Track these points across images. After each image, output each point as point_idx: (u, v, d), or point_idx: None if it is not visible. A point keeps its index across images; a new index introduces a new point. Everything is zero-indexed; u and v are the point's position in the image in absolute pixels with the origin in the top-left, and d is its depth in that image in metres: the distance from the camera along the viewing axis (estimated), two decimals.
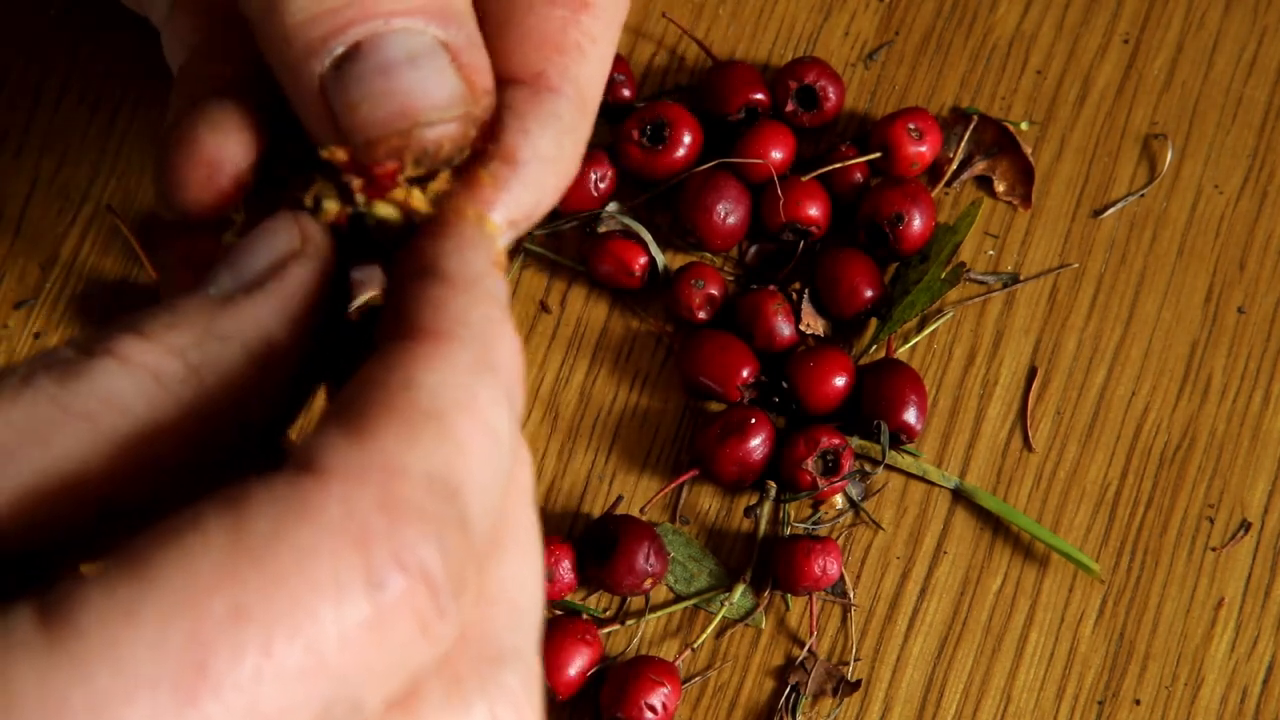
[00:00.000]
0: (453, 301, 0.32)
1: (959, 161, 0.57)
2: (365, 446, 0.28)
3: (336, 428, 0.29)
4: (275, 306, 0.32)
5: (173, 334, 0.31)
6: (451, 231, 0.34)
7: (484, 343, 0.31)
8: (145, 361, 0.31)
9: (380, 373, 0.30)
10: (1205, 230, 0.56)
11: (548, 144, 0.38)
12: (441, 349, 0.30)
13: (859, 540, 0.54)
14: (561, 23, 0.39)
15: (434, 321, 0.31)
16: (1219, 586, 0.53)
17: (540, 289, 0.56)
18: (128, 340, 0.31)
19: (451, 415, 0.29)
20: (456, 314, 0.31)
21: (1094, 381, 0.55)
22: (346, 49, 0.35)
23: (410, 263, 0.33)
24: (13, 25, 0.58)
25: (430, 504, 0.28)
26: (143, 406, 0.30)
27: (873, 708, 0.52)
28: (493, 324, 0.32)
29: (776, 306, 0.54)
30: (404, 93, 0.35)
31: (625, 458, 0.54)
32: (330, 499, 0.27)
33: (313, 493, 0.27)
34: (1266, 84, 0.58)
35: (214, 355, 0.31)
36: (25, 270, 0.55)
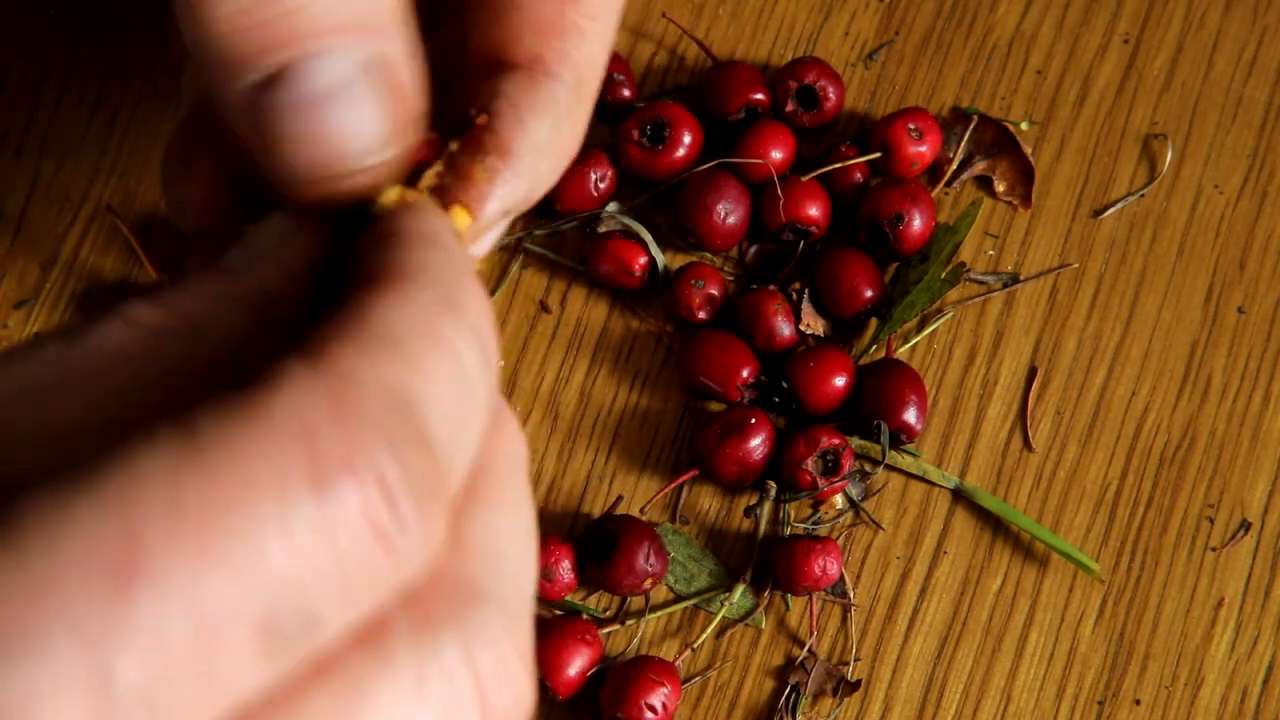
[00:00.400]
0: (412, 250, 0.31)
1: (959, 161, 0.57)
2: (317, 363, 0.27)
3: (294, 354, 0.28)
4: (275, 266, 0.32)
5: (178, 297, 0.31)
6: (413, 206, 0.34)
7: (445, 285, 0.30)
8: (149, 320, 0.30)
9: (339, 313, 0.29)
10: (1205, 230, 0.56)
11: (544, 133, 0.37)
12: (400, 287, 0.29)
13: (859, 540, 0.54)
14: (559, 3, 0.39)
15: (392, 266, 0.30)
16: (1219, 586, 0.53)
17: (540, 289, 0.56)
18: (134, 303, 0.30)
19: (410, 340, 0.28)
20: (416, 259, 0.30)
21: (1094, 381, 0.55)
22: (270, 72, 0.33)
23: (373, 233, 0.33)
24: (13, 25, 0.58)
25: (386, 416, 0.27)
26: (144, 361, 0.29)
27: (873, 708, 0.52)
28: (456, 271, 0.31)
29: (776, 306, 0.54)
30: (327, 137, 0.34)
31: (625, 458, 0.54)
32: (277, 403, 0.26)
33: (260, 399, 0.26)
34: (1266, 84, 0.58)
35: (216, 313, 0.31)
36: (25, 270, 0.55)
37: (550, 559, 0.52)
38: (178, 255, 0.56)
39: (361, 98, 0.34)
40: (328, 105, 0.34)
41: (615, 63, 0.56)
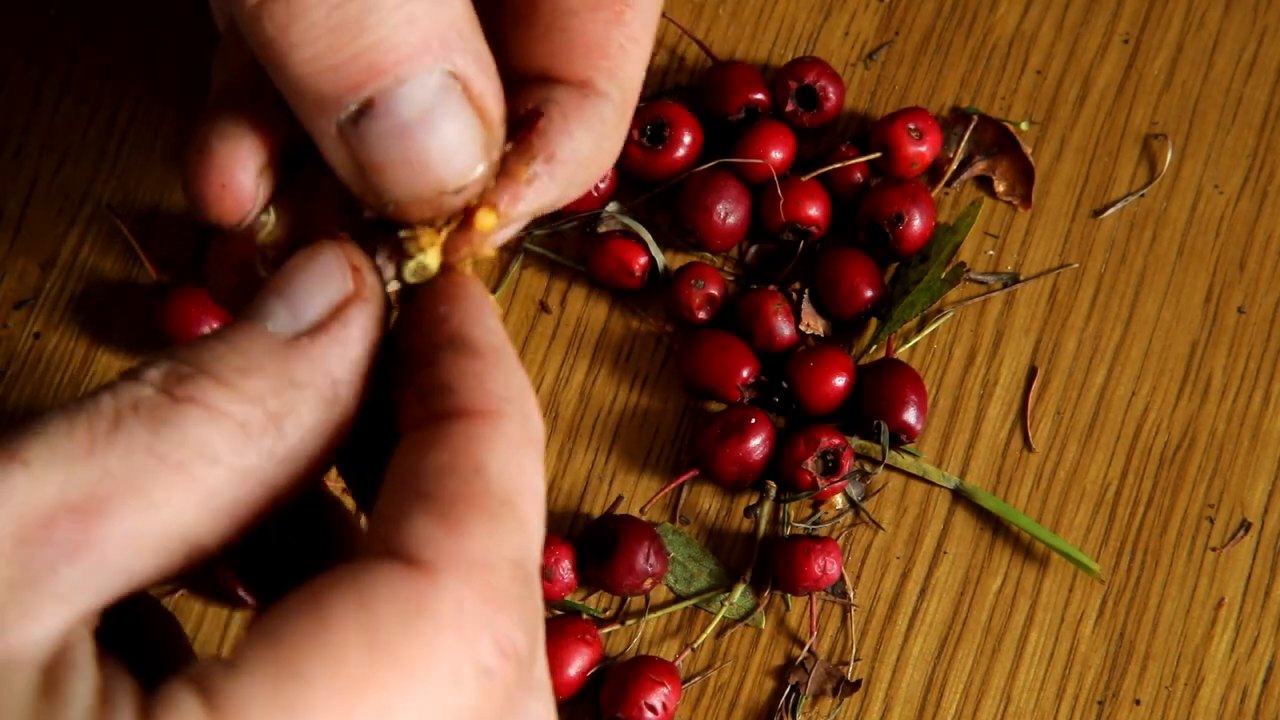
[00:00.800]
0: (492, 375, 0.34)
1: (959, 161, 0.57)
2: (461, 541, 0.32)
3: (429, 518, 0.32)
4: (340, 354, 0.34)
5: (250, 381, 0.33)
6: (463, 294, 0.36)
7: (525, 415, 0.34)
8: (231, 411, 0.32)
9: (447, 456, 0.33)
10: (1205, 230, 0.56)
11: (588, 146, 0.38)
12: (496, 428, 0.33)
13: (859, 540, 0.54)
14: (606, 26, 0.40)
15: (482, 400, 0.33)
16: (1219, 586, 0.53)
17: (540, 289, 0.56)
18: (209, 388, 0.32)
19: (519, 500, 0.33)
20: (499, 389, 0.34)
21: (1094, 381, 0.55)
22: (360, 105, 0.35)
23: (434, 330, 0.35)
24: (13, 25, 0.58)
25: (515, 589, 0.32)
26: (229, 456, 0.32)
27: (873, 708, 0.52)
28: (527, 394, 0.35)
29: (776, 306, 0.54)
30: (427, 162, 0.35)
31: (625, 458, 0.54)
32: (444, 597, 0.31)
33: (428, 592, 0.31)
34: (1266, 84, 0.58)
35: (290, 403, 0.33)
36: (25, 270, 0.55)
37: (550, 559, 0.52)
38: (178, 253, 0.56)
39: (449, 116, 0.36)
40: (419, 130, 0.35)
41: None
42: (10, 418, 0.54)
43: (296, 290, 0.35)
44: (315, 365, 0.34)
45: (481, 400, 0.33)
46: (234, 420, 0.32)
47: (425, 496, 0.32)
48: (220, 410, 0.32)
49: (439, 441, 0.33)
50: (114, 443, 0.32)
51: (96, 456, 0.31)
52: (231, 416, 0.32)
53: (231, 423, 0.32)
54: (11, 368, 0.55)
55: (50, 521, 0.31)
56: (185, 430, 0.32)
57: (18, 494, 0.31)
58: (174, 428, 0.32)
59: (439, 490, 0.32)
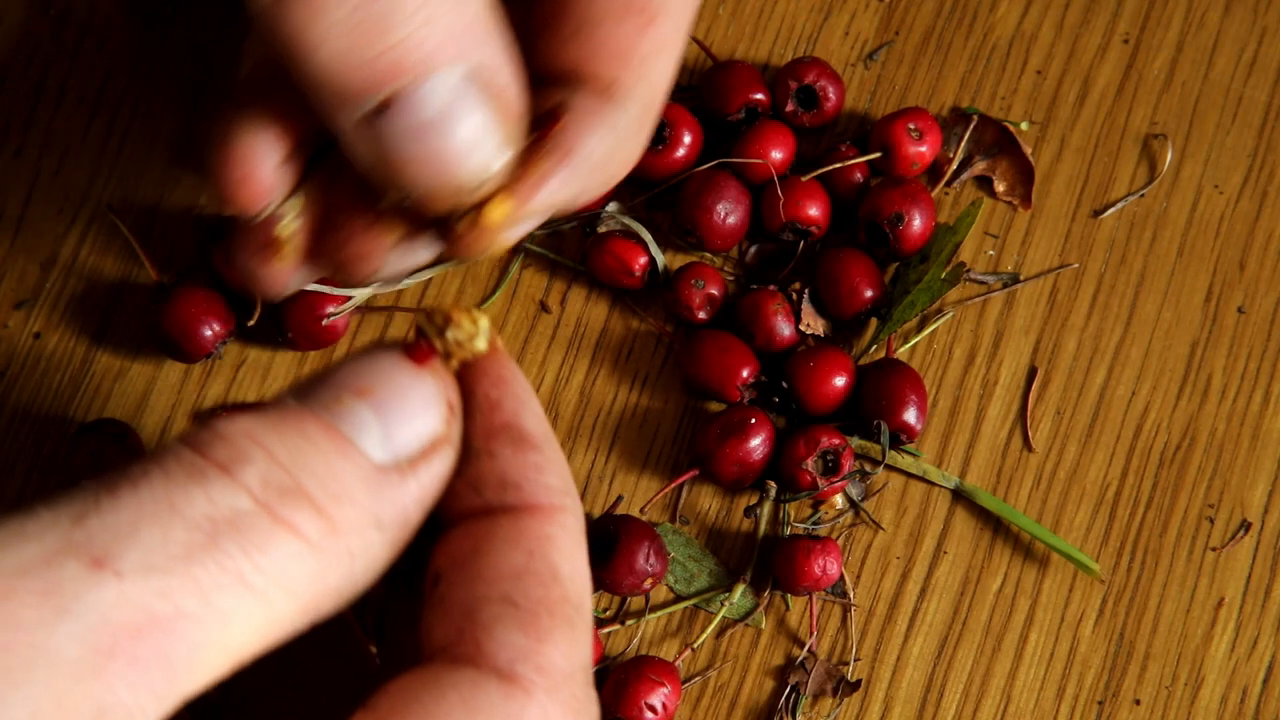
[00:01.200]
0: (551, 469, 0.35)
1: (959, 161, 0.57)
2: (549, 654, 0.33)
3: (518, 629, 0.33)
4: (420, 498, 0.34)
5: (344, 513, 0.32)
6: (510, 376, 0.36)
7: (579, 509, 0.35)
8: (323, 547, 0.32)
9: (524, 558, 0.34)
10: (1205, 230, 0.56)
11: (606, 148, 0.38)
12: (562, 525, 0.34)
13: (859, 540, 0.54)
14: (634, 33, 0.40)
15: (546, 495, 0.34)
16: (1219, 586, 0.53)
17: (540, 289, 0.56)
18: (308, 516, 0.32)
19: (586, 603, 0.34)
20: (559, 484, 0.35)
21: (1094, 381, 0.55)
22: (379, 102, 0.35)
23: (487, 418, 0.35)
24: (13, 25, 0.58)
25: (586, 694, 0.33)
26: (306, 589, 0.32)
27: (873, 708, 0.52)
28: (573, 486, 0.35)
29: (776, 306, 0.54)
30: (445, 160, 0.36)
31: (625, 458, 0.54)
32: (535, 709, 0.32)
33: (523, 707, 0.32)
34: (1266, 84, 0.58)
35: (369, 545, 0.33)
36: (25, 270, 0.55)
37: None
38: (178, 253, 0.56)
39: (468, 114, 0.36)
40: (438, 129, 0.36)
41: None
42: (10, 417, 0.54)
43: (393, 412, 0.34)
44: (398, 507, 0.33)
45: (545, 495, 0.34)
46: (323, 558, 0.32)
47: (509, 603, 0.33)
48: (314, 545, 0.32)
49: (513, 540, 0.34)
50: (208, 562, 0.31)
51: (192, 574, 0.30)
52: (322, 554, 0.32)
53: (320, 561, 0.32)
54: (11, 368, 0.55)
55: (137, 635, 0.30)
56: (277, 562, 0.31)
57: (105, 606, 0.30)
58: (268, 557, 0.31)
59: (522, 597, 0.33)
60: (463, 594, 0.34)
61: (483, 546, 0.34)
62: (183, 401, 0.54)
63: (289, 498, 0.32)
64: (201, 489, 0.31)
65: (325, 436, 0.33)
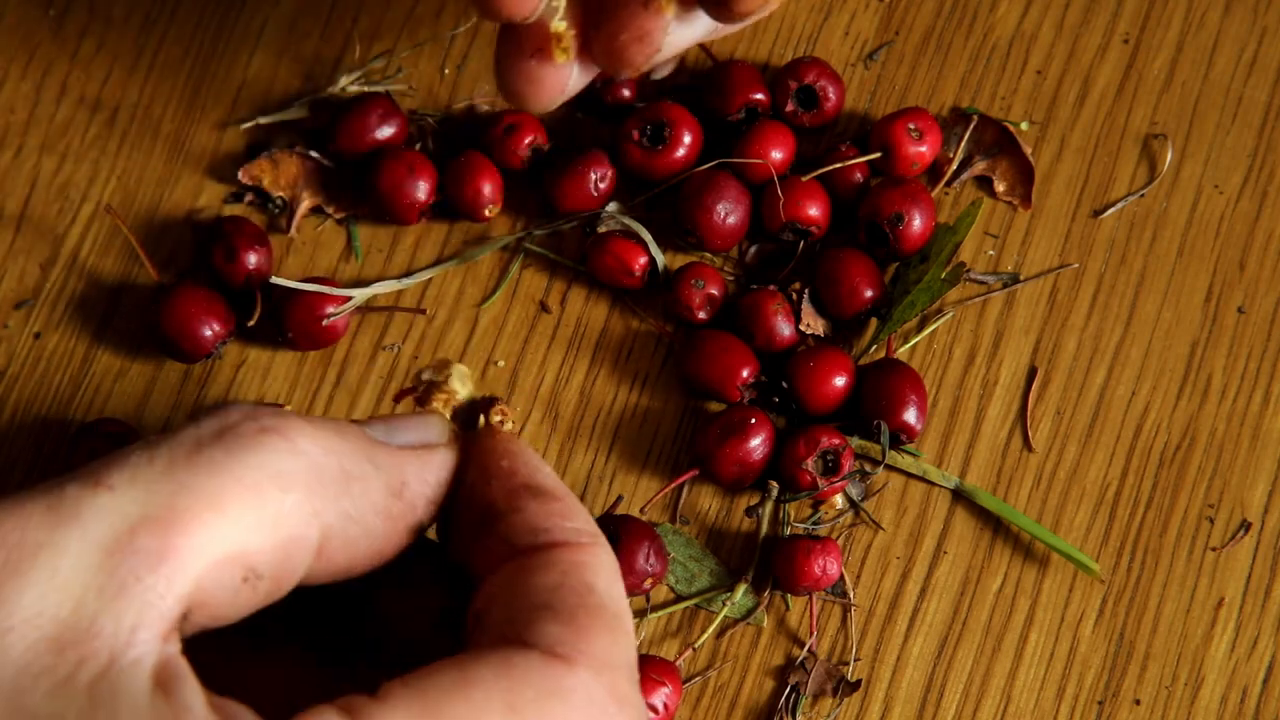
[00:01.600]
0: (574, 515, 0.38)
1: (959, 161, 0.57)
2: (590, 642, 0.35)
3: (557, 624, 0.35)
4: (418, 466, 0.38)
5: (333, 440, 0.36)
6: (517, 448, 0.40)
7: (609, 548, 0.38)
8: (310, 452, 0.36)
9: (558, 577, 0.36)
10: (1205, 230, 0.56)
11: None
12: (594, 555, 0.37)
13: (859, 540, 0.54)
14: None
15: (574, 535, 0.37)
16: (1219, 586, 0.53)
17: (540, 289, 0.56)
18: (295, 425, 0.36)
19: (625, 617, 0.37)
20: (585, 526, 0.38)
21: (1094, 381, 0.55)
22: None
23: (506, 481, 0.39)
24: (13, 25, 0.58)
25: (632, 694, 0.35)
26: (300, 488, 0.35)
27: (873, 708, 0.52)
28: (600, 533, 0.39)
29: (776, 306, 0.54)
30: None
31: (625, 458, 0.54)
32: (578, 683, 0.34)
33: (567, 678, 0.34)
34: (1266, 84, 0.58)
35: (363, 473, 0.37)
36: (25, 270, 0.55)
37: None
38: (178, 253, 0.56)
39: None
40: None
41: None
42: (10, 418, 0.54)
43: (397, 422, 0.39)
44: (394, 460, 0.37)
45: (574, 535, 0.37)
46: (311, 460, 0.35)
47: (548, 608, 0.36)
48: (301, 449, 0.35)
49: (546, 566, 0.37)
50: (194, 464, 0.34)
51: (175, 476, 0.34)
52: (309, 456, 0.35)
53: (309, 461, 0.35)
54: (11, 368, 0.55)
55: (133, 533, 0.33)
56: (263, 456, 0.34)
57: (103, 513, 0.33)
58: (253, 452, 0.34)
59: (559, 603, 0.36)
60: (501, 614, 0.36)
61: (518, 576, 0.37)
62: (183, 401, 0.54)
63: (279, 415, 0.35)
64: (192, 425, 0.35)
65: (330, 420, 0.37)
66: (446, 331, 0.55)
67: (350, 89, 0.57)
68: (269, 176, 0.56)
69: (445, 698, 0.33)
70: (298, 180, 0.56)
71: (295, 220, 0.56)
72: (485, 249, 0.56)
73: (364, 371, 0.55)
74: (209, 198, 0.56)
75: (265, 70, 0.57)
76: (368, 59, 0.57)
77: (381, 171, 0.54)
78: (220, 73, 0.57)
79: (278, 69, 0.57)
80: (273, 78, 0.57)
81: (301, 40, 0.58)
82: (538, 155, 0.55)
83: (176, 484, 0.33)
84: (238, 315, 0.54)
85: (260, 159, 0.56)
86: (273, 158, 0.56)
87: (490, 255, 0.56)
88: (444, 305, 0.55)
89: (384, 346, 0.55)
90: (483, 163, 0.55)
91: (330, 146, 0.56)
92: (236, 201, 0.56)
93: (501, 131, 0.55)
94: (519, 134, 0.55)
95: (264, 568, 0.34)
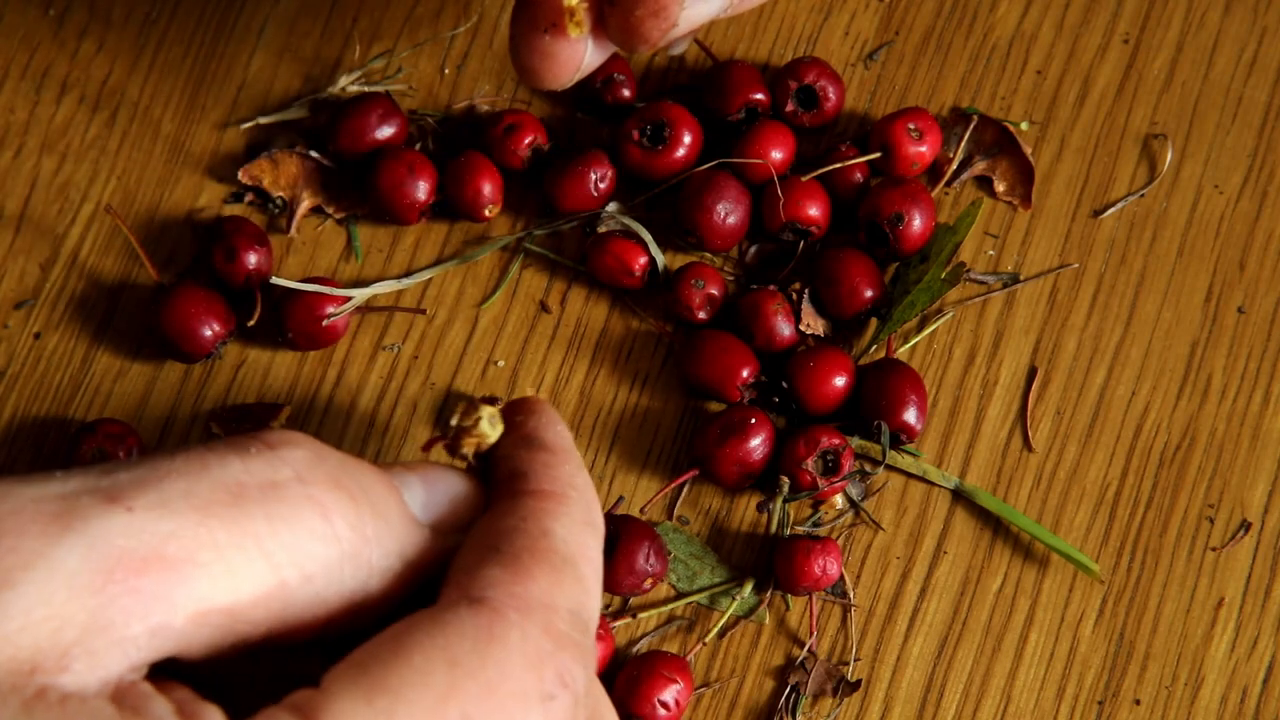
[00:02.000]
0: (560, 467, 0.38)
1: (959, 161, 0.57)
2: (525, 584, 0.35)
3: (498, 566, 0.35)
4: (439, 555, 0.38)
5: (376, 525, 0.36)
6: (539, 407, 0.40)
7: (589, 503, 0.38)
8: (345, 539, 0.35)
9: (518, 520, 0.36)
10: (1205, 230, 0.56)
11: None
12: (563, 505, 0.37)
13: (859, 540, 0.54)
14: None
15: (550, 483, 0.38)
16: (1219, 586, 0.53)
17: (540, 289, 0.56)
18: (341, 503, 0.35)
19: (580, 562, 0.36)
20: (567, 478, 0.38)
21: (1094, 381, 0.55)
22: None
23: (512, 433, 0.39)
24: (13, 25, 0.58)
25: (573, 633, 0.35)
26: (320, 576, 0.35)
27: (873, 708, 0.52)
28: (591, 490, 0.39)
29: (776, 306, 0.54)
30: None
31: (625, 458, 0.54)
32: (510, 629, 0.34)
33: (497, 624, 0.34)
34: (1266, 84, 0.58)
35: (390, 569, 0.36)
36: (25, 270, 0.55)
37: None
38: (178, 253, 0.56)
39: None
40: None
41: (616, 63, 0.56)
42: (10, 418, 0.54)
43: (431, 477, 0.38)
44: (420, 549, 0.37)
45: (549, 483, 0.38)
46: (342, 549, 0.34)
47: (495, 550, 0.36)
48: (337, 533, 0.34)
49: (511, 509, 0.37)
50: (225, 515, 0.32)
51: (204, 520, 0.32)
52: (341, 545, 0.34)
53: (339, 550, 0.34)
54: (11, 368, 0.55)
55: (141, 564, 0.31)
56: (298, 534, 0.33)
57: (113, 533, 0.31)
58: (288, 527, 0.33)
59: (508, 545, 0.36)
60: (461, 557, 0.36)
61: (483, 523, 0.37)
62: (183, 401, 0.54)
63: (329, 484, 0.34)
64: (240, 459, 0.33)
65: (376, 472, 0.36)
66: (446, 331, 0.55)
67: (350, 89, 0.57)
68: (269, 176, 0.56)
69: (385, 671, 0.32)
70: (298, 180, 0.56)
71: (295, 220, 0.56)
72: (485, 249, 0.56)
73: (364, 371, 0.55)
74: (209, 198, 0.56)
75: (265, 70, 0.57)
76: (368, 59, 0.57)
77: (381, 171, 0.54)
78: (220, 73, 0.57)
79: (278, 69, 0.57)
80: (273, 78, 0.57)
81: (301, 40, 0.58)
82: (538, 155, 0.55)
83: (202, 530, 0.32)
84: (238, 315, 0.54)
85: (260, 159, 0.56)
86: (273, 158, 0.56)
87: (490, 255, 0.56)
88: (444, 305, 0.55)
89: (384, 346, 0.55)
90: (483, 163, 0.55)
91: (330, 146, 0.56)
92: (236, 201, 0.56)
93: (501, 131, 0.55)
94: (519, 134, 0.55)
95: (255, 633, 0.33)
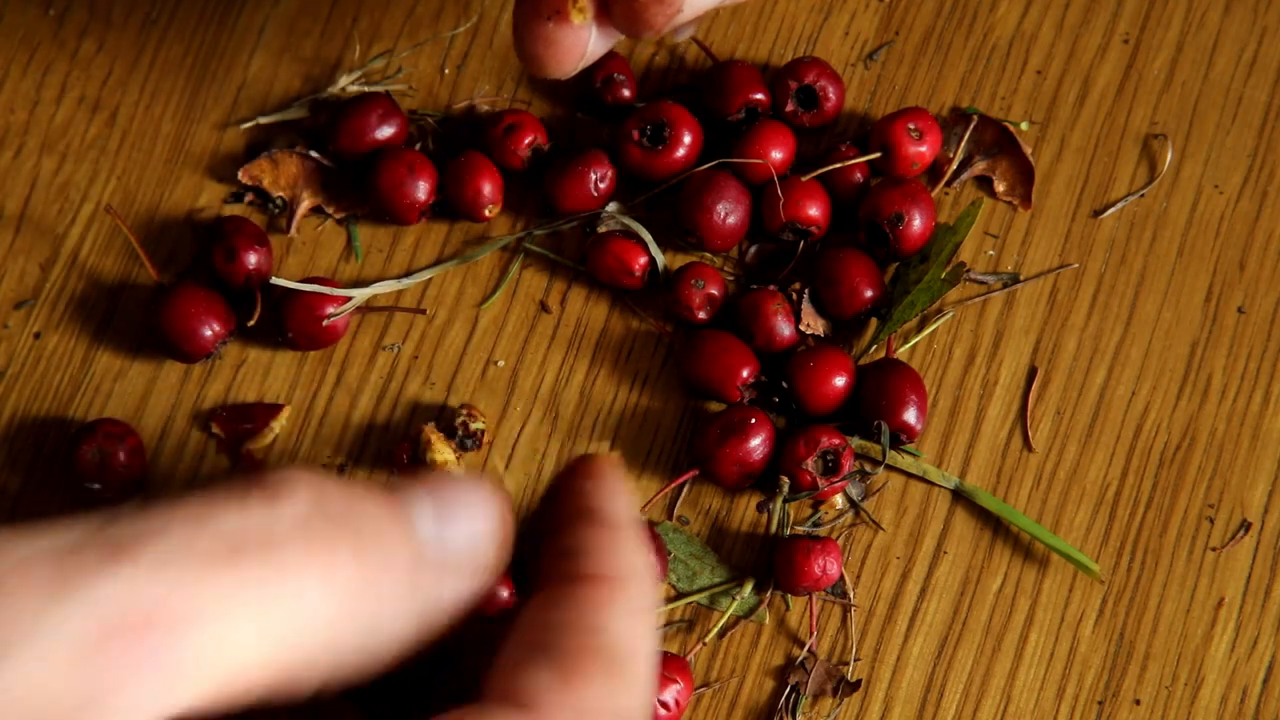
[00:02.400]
0: (622, 547, 0.35)
1: (959, 161, 0.57)
2: (580, 693, 0.32)
3: (547, 670, 0.33)
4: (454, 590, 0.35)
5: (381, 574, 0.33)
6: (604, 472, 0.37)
7: (645, 586, 0.35)
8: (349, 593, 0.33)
9: (572, 614, 0.34)
10: (1205, 230, 0.56)
11: None
12: (619, 594, 0.34)
13: (859, 540, 0.54)
14: None
15: (610, 567, 0.35)
16: (1219, 586, 0.53)
17: (540, 289, 0.56)
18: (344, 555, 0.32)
19: (635, 659, 0.34)
20: (625, 560, 0.35)
21: (1094, 381, 0.55)
22: None
23: (574, 501, 0.36)
24: (13, 25, 0.58)
25: None
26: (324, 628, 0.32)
27: (873, 708, 0.52)
28: (649, 568, 0.36)
29: (776, 306, 0.54)
30: None
31: (625, 458, 0.54)
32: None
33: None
34: (1266, 84, 0.58)
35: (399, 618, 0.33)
36: (25, 270, 0.55)
37: None
38: (178, 253, 0.56)
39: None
40: None
41: (615, 63, 0.56)
42: (10, 418, 0.54)
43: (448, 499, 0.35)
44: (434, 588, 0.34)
45: (608, 568, 0.34)
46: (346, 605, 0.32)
47: (545, 648, 0.33)
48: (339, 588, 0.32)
49: (564, 600, 0.34)
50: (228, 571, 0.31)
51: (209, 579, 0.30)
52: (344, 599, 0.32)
53: (341, 606, 0.32)
54: (11, 368, 0.55)
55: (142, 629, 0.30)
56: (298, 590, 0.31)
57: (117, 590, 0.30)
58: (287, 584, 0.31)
59: (559, 643, 0.33)
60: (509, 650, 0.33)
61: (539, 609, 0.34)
62: (183, 401, 0.54)
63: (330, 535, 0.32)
64: (239, 508, 0.31)
65: (383, 502, 0.33)
66: (446, 331, 0.55)
67: (350, 89, 0.57)
68: (269, 176, 0.56)
69: None
70: (298, 180, 0.56)
71: (295, 220, 0.56)
72: (485, 249, 0.56)
73: (364, 371, 0.55)
74: (209, 198, 0.56)
75: (265, 70, 0.57)
76: (368, 59, 0.57)
77: (381, 171, 0.54)
78: (220, 73, 0.57)
79: (278, 69, 0.57)
80: (273, 78, 0.57)
81: (301, 40, 0.58)
82: (538, 155, 0.55)
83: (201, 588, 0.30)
84: (238, 315, 0.54)
85: (260, 159, 0.56)
86: (273, 158, 0.56)
87: (490, 255, 0.56)
88: (444, 305, 0.55)
89: (384, 346, 0.55)
90: (483, 163, 0.55)
91: (330, 146, 0.56)
92: (236, 201, 0.56)
93: (501, 131, 0.55)
94: (519, 134, 0.55)
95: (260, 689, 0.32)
